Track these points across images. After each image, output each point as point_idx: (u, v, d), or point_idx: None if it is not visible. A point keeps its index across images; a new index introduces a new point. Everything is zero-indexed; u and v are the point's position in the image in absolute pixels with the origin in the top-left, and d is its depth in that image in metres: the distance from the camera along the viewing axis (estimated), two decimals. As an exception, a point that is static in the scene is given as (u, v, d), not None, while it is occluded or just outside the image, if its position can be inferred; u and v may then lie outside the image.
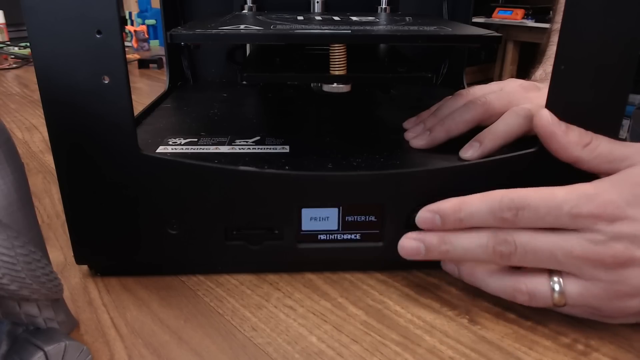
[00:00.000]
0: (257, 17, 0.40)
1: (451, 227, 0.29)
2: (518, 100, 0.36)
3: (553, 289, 0.27)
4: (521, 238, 0.27)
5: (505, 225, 0.28)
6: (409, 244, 0.30)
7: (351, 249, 0.33)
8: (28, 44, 0.89)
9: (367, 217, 0.32)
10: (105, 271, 0.34)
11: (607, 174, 0.28)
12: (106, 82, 0.27)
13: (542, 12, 2.51)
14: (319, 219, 0.32)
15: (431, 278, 0.33)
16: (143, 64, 1.11)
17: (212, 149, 0.34)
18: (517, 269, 0.29)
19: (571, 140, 0.28)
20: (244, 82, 0.34)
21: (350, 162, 0.32)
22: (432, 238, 0.29)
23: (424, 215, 0.30)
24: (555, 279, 0.27)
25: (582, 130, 0.29)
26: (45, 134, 0.50)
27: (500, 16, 2.66)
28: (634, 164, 0.27)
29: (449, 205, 0.29)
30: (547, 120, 0.28)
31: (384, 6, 0.50)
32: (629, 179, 0.27)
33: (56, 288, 0.25)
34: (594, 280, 0.26)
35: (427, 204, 0.30)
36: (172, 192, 0.30)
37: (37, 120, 0.71)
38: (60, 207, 0.44)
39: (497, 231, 0.28)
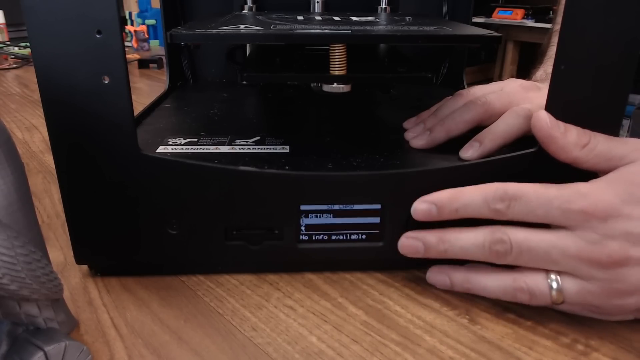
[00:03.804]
0: (257, 17, 0.40)
1: (447, 217, 0.29)
2: (518, 100, 0.36)
3: (551, 287, 0.27)
4: (517, 236, 0.27)
5: (498, 216, 0.28)
6: (408, 243, 0.30)
7: (351, 249, 0.33)
8: (28, 44, 0.89)
9: (367, 217, 0.32)
10: (105, 271, 0.34)
11: (606, 171, 0.28)
12: (106, 82, 0.27)
13: (542, 12, 2.51)
14: (319, 219, 0.32)
15: (431, 278, 0.33)
16: (143, 64, 1.11)
17: (212, 149, 0.34)
18: (514, 268, 0.29)
19: (569, 142, 0.28)
20: (244, 82, 0.34)
21: (350, 162, 0.32)
22: (430, 237, 0.30)
23: (420, 206, 0.30)
24: (553, 276, 0.27)
25: (579, 130, 0.28)
26: (45, 134, 0.50)
27: (500, 16, 2.66)
28: (631, 161, 0.27)
29: (444, 195, 0.29)
30: (545, 123, 0.28)
31: (384, 6, 0.50)
32: (625, 177, 0.27)
33: (56, 288, 0.25)
34: (591, 279, 0.27)
35: None
36: (172, 192, 0.30)
37: (37, 120, 0.71)
38: (60, 207, 0.44)
39: (494, 230, 0.28)
